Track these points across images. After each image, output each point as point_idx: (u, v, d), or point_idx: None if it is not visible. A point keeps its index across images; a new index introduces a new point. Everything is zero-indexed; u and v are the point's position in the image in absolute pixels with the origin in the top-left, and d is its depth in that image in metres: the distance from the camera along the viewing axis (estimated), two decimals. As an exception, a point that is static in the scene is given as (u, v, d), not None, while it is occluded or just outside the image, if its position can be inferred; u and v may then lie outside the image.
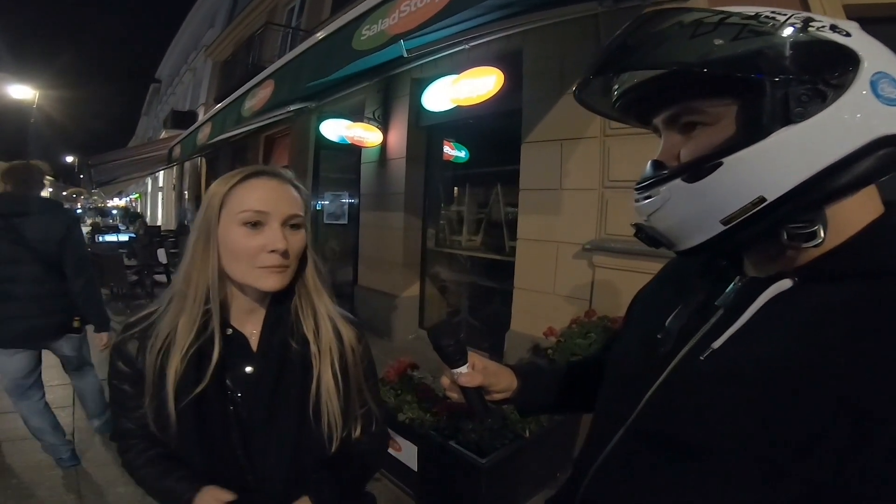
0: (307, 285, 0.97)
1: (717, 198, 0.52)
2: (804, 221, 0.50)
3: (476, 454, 2.16)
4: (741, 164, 0.50)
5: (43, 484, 2.54)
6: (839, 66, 0.48)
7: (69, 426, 3.14)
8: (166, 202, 20.58)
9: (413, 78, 5.19)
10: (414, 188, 5.37)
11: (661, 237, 0.60)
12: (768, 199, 0.50)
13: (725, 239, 0.54)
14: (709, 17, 0.51)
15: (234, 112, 5.52)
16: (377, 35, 2.95)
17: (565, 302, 3.58)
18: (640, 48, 0.55)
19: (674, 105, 0.58)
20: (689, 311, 0.63)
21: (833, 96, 0.48)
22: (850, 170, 0.48)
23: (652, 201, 0.58)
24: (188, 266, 0.89)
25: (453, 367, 0.79)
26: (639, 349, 0.68)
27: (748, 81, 0.49)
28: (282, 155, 9.12)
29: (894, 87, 0.49)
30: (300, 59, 4.01)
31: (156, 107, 27.57)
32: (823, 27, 0.50)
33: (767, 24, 0.50)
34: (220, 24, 14.01)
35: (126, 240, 9.27)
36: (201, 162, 14.32)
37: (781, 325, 0.52)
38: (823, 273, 0.52)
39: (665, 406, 0.60)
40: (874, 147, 0.48)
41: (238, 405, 0.90)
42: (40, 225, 2.33)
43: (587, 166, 3.45)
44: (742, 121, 0.52)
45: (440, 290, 5.52)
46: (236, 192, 0.87)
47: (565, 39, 3.56)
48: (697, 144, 0.55)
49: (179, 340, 0.87)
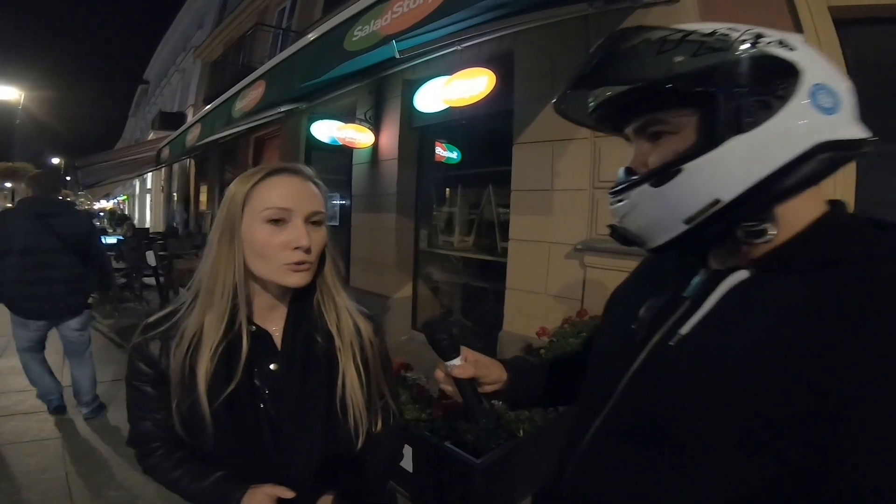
0: (327, 281, 0.98)
1: (679, 200, 0.58)
2: (756, 220, 0.56)
3: (471, 454, 2.16)
4: (698, 169, 0.56)
5: (35, 488, 2.52)
6: (783, 79, 0.54)
7: (57, 430, 3.14)
8: (155, 204, 20.40)
9: (405, 79, 5.19)
10: (406, 189, 5.37)
11: (633, 237, 0.66)
12: (723, 201, 0.55)
13: (689, 237, 0.59)
14: (672, 35, 0.56)
15: (224, 113, 5.49)
16: (369, 36, 2.95)
17: (557, 302, 3.60)
18: (611, 65, 0.61)
19: (642, 116, 0.63)
20: (660, 302, 0.68)
21: (778, 106, 0.53)
22: (794, 173, 0.53)
23: (624, 204, 0.64)
24: (213, 263, 0.89)
25: (447, 360, 0.82)
26: (616, 341, 0.72)
27: (705, 95, 0.55)
28: (272, 156, 9.07)
29: (830, 98, 0.54)
30: (291, 59, 4.00)
31: (144, 108, 27.33)
32: (772, 42, 0.55)
33: (722, 41, 0.55)
34: (210, 25, 13.91)
35: (114, 242, 9.15)
36: (190, 163, 14.20)
37: (740, 311, 0.57)
38: (776, 265, 0.58)
39: (639, 391, 0.64)
40: (815, 152, 0.53)
41: (266, 401, 0.91)
42: (69, 222, 3.00)
43: (578, 167, 3.47)
44: (700, 130, 0.57)
45: (433, 291, 5.51)
46: (259, 189, 0.88)
47: (556, 41, 3.59)
48: (663, 152, 0.60)
49: (207, 338, 0.87)
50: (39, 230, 2.87)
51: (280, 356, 0.93)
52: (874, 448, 0.44)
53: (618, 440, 0.66)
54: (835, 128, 0.54)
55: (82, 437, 3.07)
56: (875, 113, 2.96)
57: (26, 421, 3.26)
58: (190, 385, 0.86)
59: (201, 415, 0.85)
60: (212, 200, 12.48)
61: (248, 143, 9.71)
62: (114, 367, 4.40)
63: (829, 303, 0.51)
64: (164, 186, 17.80)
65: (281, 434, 0.90)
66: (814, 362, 0.48)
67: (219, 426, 0.86)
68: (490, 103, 3.93)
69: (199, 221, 13.43)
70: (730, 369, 0.53)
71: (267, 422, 0.90)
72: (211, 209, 12.47)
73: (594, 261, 3.36)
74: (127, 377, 0.94)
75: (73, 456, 2.84)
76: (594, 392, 0.73)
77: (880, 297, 0.49)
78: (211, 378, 0.85)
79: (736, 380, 0.53)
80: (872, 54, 2.78)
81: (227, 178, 11.63)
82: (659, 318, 0.66)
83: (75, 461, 2.79)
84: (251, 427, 0.89)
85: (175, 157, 9.02)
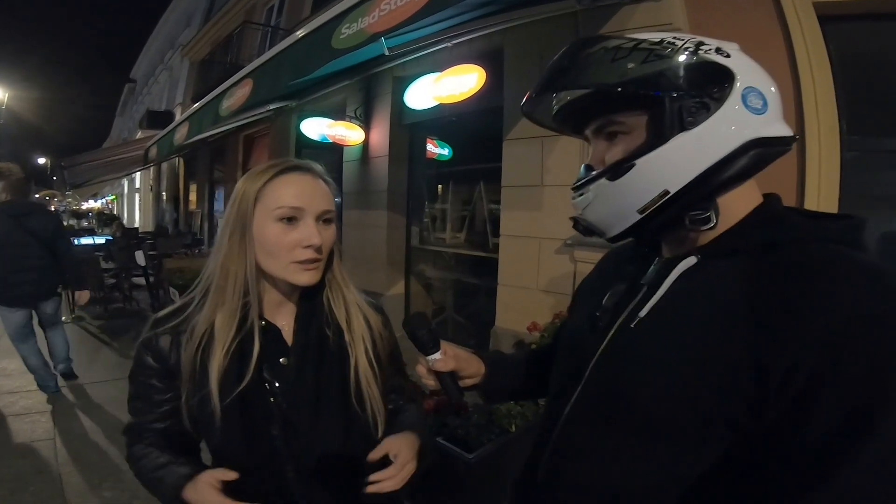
0: (336, 276, 0.99)
1: (632, 192, 0.64)
2: (701, 209, 0.61)
3: (463, 450, 2.17)
4: (648, 164, 0.62)
5: (28, 490, 2.51)
6: (719, 82, 0.60)
7: (50, 431, 3.14)
8: (144, 204, 20.22)
9: (395, 76, 5.18)
10: (397, 186, 5.37)
11: (594, 227, 0.72)
12: (671, 192, 0.61)
13: (643, 225, 0.65)
14: (626, 44, 0.62)
15: (211, 111, 5.45)
16: (356, 34, 2.95)
17: (548, 297, 3.62)
18: (570, 70, 0.67)
19: (599, 118, 0.68)
20: (621, 291, 0.74)
21: (714, 107, 0.60)
22: (730, 166, 0.60)
23: (584, 198, 0.70)
24: (224, 260, 0.89)
25: (427, 355, 0.84)
26: (582, 328, 0.77)
27: (652, 97, 0.61)
28: (261, 154, 9.01)
29: (759, 99, 0.60)
30: (279, 57, 3.98)
31: (131, 107, 27.03)
32: (710, 50, 0.61)
33: (668, 49, 0.61)
34: (197, 24, 13.79)
35: (103, 242, 9.06)
36: (179, 162, 14.09)
37: (690, 293, 0.63)
38: (720, 250, 0.64)
39: (605, 373, 0.68)
40: (747, 148, 0.59)
41: (277, 395, 0.91)
42: (40, 222, 3.54)
43: (568, 163, 3.49)
44: (650, 129, 0.63)
45: (425, 288, 5.52)
46: (271, 187, 0.88)
47: (546, 37, 3.60)
48: (618, 149, 0.66)
49: (220, 334, 0.88)
50: (14, 228, 3.40)
51: (290, 351, 0.94)
52: (821, 414, 0.47)
53: (587, 423, 0.69)
54: (763, 126, 0.60)
55: (76, 438, 3.05)
56: (858, 108, 3.01)
57: (18, 422, 3.24)
58: (201, 380, 0.87)
59: (211, 409, 0.86)
60: (201, 199, 12.40)
61: (238, 142, 9.64)
62: (102, 367, 4.38)
63: (765, 281, 0.56)
64: (152, 186, 17.64)
65: (291, 429, 0.90)
66: (756, 336, 0.53)
67: (228, 421, 0.86)
68: (480, 100, 3.94)
69: (189, 220, 13.34)
70: (683, 347, 0.59)
71: (279, 416, 0.90)
72: (200, 208, 12.38)
73: (584, 255, 3.39)
74: (132, 370, 0.95)
75: (67, 457, 2.82)
76: (563, 378, 0.76)
77: (811, 275, 0.54)
78: (224, 374, 0.86)
79: (689, 356, 0.58)
80: (856, 50, 2.81)
81: (217, 177, 11.55)
82: (620, 304, 0.71)
83: (69, 462, 2.77)
84: (260, 421, 0.89)
85: (163, 156, 8.94)
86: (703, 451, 0.56)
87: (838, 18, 2.80)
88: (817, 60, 2.73)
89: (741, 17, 2.86)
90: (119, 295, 7.05)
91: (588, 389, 0.70)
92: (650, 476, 0.60)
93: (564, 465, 0.71)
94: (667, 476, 0.59)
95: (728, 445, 0.54)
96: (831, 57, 2.77)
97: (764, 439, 0.51)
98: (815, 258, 0.55)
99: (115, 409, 3.49)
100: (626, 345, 0.67)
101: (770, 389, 0.50)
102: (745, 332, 0.54)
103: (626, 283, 0.73)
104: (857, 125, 2.79)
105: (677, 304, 0.63)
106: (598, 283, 0.81)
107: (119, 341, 5.22)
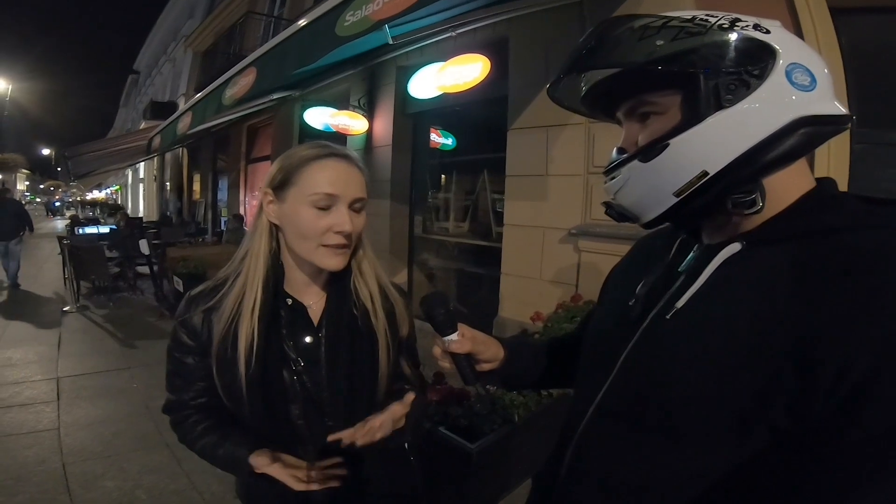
0: (364, 259, 1.01)
1: (668, 174, 0.60)
2: (744, 192, 0.58)
3: (466, 440, 2.17)
4: (684, 144, 0.58)
5: (31, 480, 2.52)
6: (759, 59, 0.56)
7: (54, 421, 3.14)
8: (148, 193, 20.26)
9: (399, 65, 5.15)
10: (400, 175, 5.36)
11: (627, 212, 0.67)
12: (710, 173, 0.58)
13: (680, 209, 0.61)
14: (654, 22, 0.60)
15: (214, 101, 5.44)
16: (360, 21, 2.92)
17: (552, 286, 3.61)
18: (599, 51, 0.64)
19: (630, 98, 0.65)
20: (655, 279, 0.69)
21: (755, 85, 0.56)
22: (777, 146, 0.56)
23: (616, 181, 0.66)
24: (257, 239, 0.94)
25: (444, 335, 0.81)
26: (612, 319, 0.74)
27: (685, 75, 0.58)
28: (265, 144, 9.01)
29: (806, 76, 0.57)
30: (282, 46, 3.96)
31: (134, 98, 27.02)
32: (747, 26, 0.58)
33: (701, 25, 0.58)
34: (200, 15, 13.73)
35: (107, 231, 9.09)
36: (183, 152, 14.10)
37: (733, 283, 0.59)
38: (766, 236, 0.59)
39: (637, 366, 0.65)
40: (796, 126, 0.55)
41: (301, 374, 0.93)
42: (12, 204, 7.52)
43: (572, 152, 3.47)
44: (684, 108, 0.60)
45: (428, 277, 5.53)
46: (307, 171, 0.89)
47: (551, 26, 3.56)
48: (651, 130, 0.63)
49: (246, 311, 0.90)
50: None
51: (316, 330, 0.96)
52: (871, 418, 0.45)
53: (616, 419, 0.66)
54: (813, 104, 0.56)
55: (79, 429, 3.06)
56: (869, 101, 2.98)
57: (22, 413, 3.25)
58: (232, 357, 0.90)
59: (239, 384, 0.89)
60: (204, 189, 12.41)
61: (241, 132, 9.64)
62: (106, 357, 4.41)
63: (818, 272, 0.52)
64: (156, 176, 17.67)
65: (313, 406, 0.93)
66: (804, 331, 0.49)
67: (252, 395, 0.89)
68: (485, 89, 3.91)
69: (193, 210, 13.36)
70: (724, 340, 0.55)
71: (303, 393, 0.93)
72: (204, 198, 12.40)
73: (588, 245, 3.37)
74: (169, 347, 0.98)
75: (70, 447, 2.84)
76: (591, 370, 0.73)
77: (869, 268, 0.50)
78: (249, 349, 0.89)
79: (730, 350, 0.54)
80: (868, 43, 2.78)
81: (220, 167, 11.55)
82: (654, 293, 0.67)
83: (72, 452, 2.78)
84: (280, 398, 0.92)
85: (167, 145, 8.94)
86: (736, 452, 0.53)
87: (850, 11, 2.76)
88: (828, 53, 2.69)
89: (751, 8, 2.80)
90: (123, 284, 7.09)
91: (617, 383, 0.67)
92: (677, 476, 0.58)
93: (588, 461, 0.69)
94: (694, 475, 0.57)
95: (763, 445, 0.51)
96: (842, 49, 2.73)
97: (803, 439, 0.48)
98: (872, 248, 0.51)
99: (120, 398, 3.50)
100: (661, 337, 0.63)
101: (818, 388, 0.47)
102: (794, 325, 0.50)
103: (662, 271, 0.69)
104: (868, 118, 2.76)
105: (718, 294, 0.59)
106: (630, 271, 0.77)
107: (123, 331, 5.23)
